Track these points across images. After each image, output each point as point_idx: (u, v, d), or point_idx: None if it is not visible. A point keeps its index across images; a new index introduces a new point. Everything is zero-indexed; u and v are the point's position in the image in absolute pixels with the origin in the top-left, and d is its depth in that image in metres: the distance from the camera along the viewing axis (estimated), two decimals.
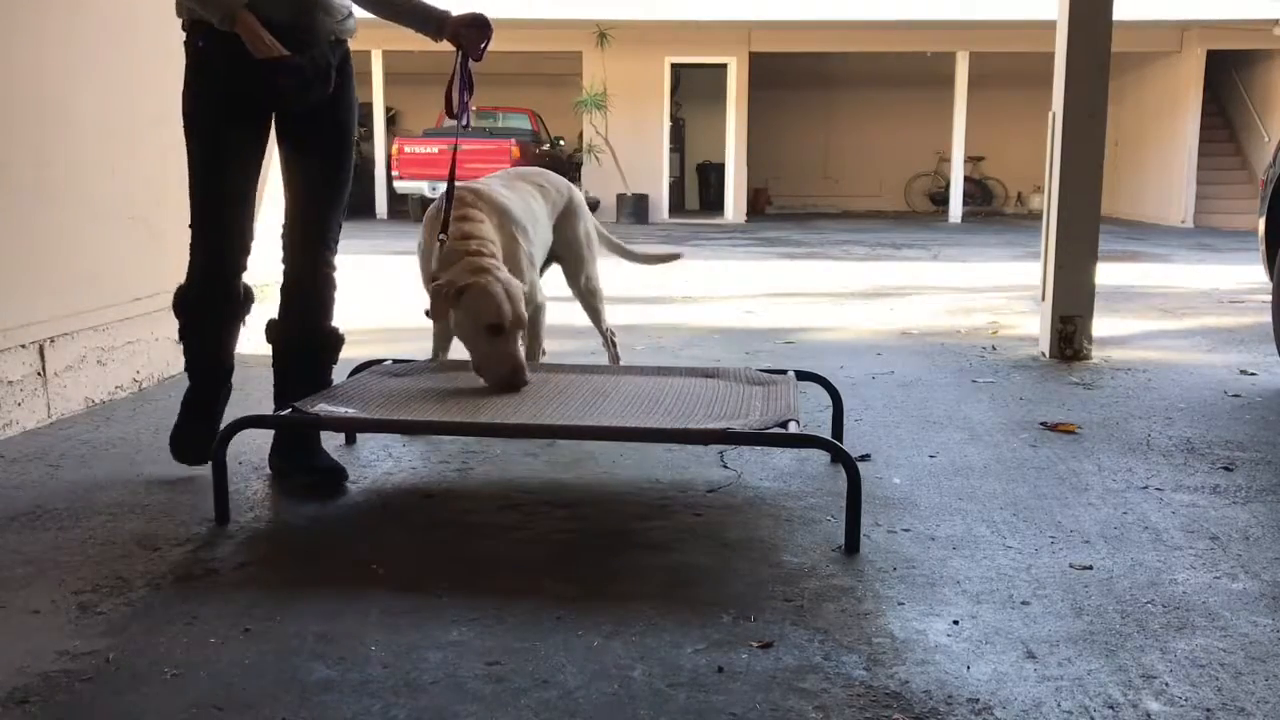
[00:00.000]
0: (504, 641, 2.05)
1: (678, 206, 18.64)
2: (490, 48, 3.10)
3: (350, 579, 2.36)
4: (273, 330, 3.07)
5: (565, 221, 3.91)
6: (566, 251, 3.94)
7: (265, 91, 2.81)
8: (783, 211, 19.73)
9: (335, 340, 3.11)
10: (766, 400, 3.08)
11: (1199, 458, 3.38)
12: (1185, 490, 3.04)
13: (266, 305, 3.05)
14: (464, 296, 3.13)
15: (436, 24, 3.04)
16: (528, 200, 3.68)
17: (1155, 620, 2.17)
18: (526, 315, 3.21)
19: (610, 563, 2.49)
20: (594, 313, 4.10)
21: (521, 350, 3.20)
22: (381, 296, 7.15)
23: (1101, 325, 5.35)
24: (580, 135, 17.59)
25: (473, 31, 3.07)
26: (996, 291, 7.94)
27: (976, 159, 19.29)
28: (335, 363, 3.15)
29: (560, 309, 4.29)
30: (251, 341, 3.29)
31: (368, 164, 17.32)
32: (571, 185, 4.03)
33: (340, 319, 3.10)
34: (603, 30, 15.96)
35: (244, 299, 3.09)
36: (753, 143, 17.61)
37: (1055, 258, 5.02)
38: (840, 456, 2.66)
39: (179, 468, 3.10)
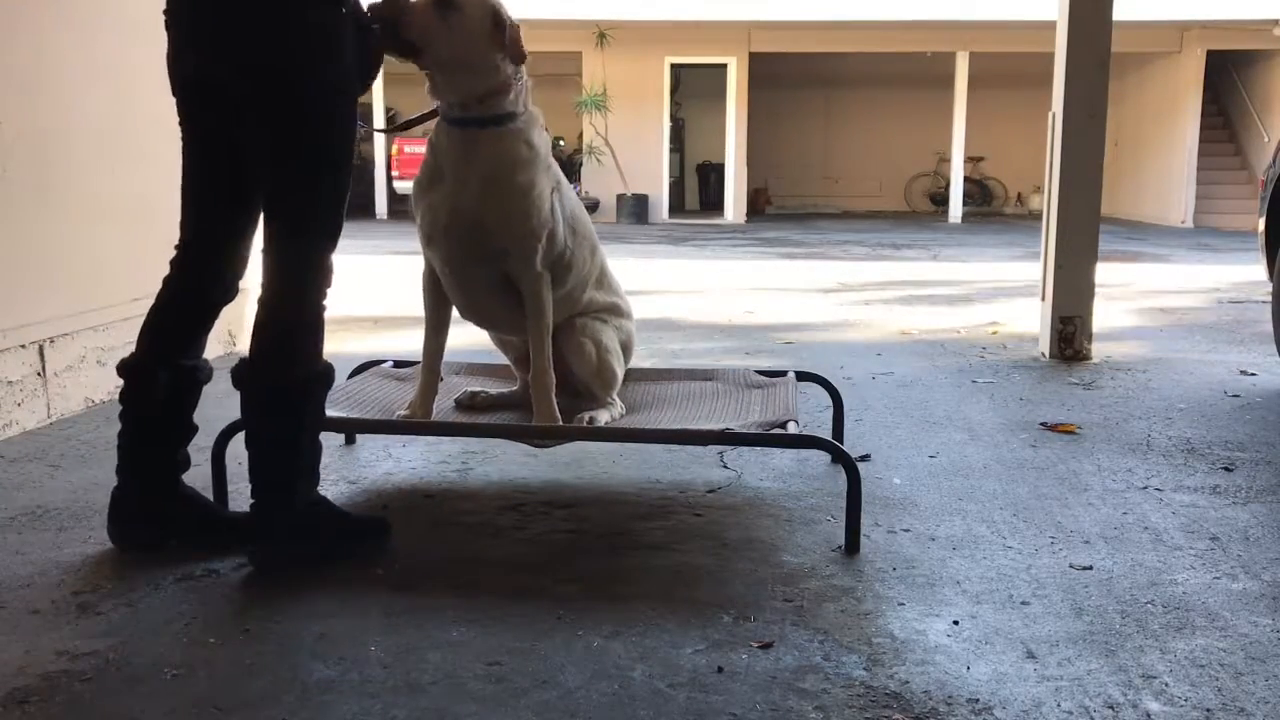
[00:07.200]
0: (504, 641, 2.05)
1: (678, 207, 18.62)
2: None
3: (350, 579, 2.36)
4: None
5: None
6: None
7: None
8: (782, 212, 19.71)
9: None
10: (766, 401, 3.08)
11: (1199, 458, 3.38)
12: (1185, 490, 3.04)
13: None
14: None
15: None
16: None
17: (1155, 620, 2.17)
18: None
19: (610, 563, 2.49)
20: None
21: None
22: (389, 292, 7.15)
23: (1101, 325, 5.35)
24: (580, 135, 17.58)
25: None
26: (996, 291, 7.94)
27: (976, 159, 19.26)
28: None
29: None
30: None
31: (368, 164, 17.33)
32: None
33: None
34: (602, 30, 15.95)
35: None
36: (752, 143, 17.59)
37: (1055, 258, 5.02)
38: (840, 457, 2.66)
39: None
